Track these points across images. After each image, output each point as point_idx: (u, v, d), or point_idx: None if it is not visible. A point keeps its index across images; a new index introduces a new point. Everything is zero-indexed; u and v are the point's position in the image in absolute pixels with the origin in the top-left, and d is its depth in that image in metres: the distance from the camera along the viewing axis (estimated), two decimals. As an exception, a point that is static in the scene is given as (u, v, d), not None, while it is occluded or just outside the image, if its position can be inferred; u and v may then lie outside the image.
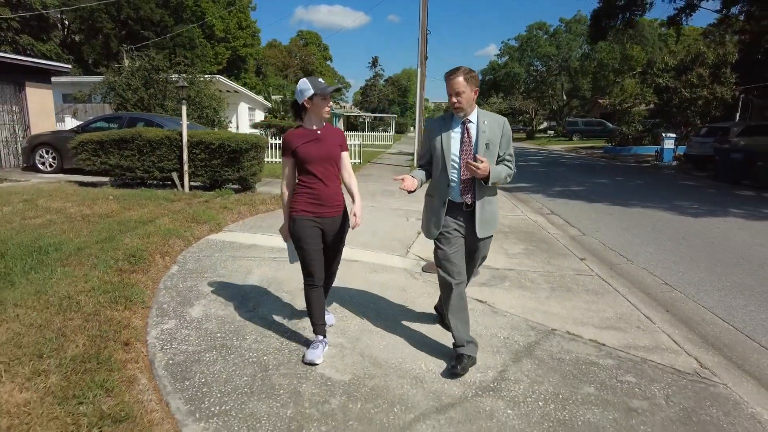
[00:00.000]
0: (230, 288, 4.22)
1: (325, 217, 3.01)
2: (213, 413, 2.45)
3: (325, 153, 2.96)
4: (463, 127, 2.93)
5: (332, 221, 3.04)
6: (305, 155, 2.92)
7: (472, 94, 2.86)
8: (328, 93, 2.90)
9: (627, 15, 19.30)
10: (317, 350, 3.03)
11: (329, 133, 3.02)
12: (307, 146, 2.92)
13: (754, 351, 3.60)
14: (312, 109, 2.93)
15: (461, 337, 2.95)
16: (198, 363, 2.93)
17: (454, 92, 2.84)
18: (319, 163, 2.95)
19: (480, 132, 2.90)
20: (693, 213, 9.04)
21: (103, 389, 2.40)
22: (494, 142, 2.92)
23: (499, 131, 2.94)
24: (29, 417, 2.15)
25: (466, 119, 2.93)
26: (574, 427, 2.48)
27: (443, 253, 3.01)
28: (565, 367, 3.10)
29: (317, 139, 2.95)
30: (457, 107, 2.87)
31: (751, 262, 5.83)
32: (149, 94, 17.48)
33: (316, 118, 2.97)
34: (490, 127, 2.91)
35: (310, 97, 2.89)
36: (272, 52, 67.42)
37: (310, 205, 2.96)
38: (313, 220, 2.97)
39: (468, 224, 3.01)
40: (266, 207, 8.01)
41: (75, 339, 2.87)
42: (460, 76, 2.82)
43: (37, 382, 2.40)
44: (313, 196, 2.96)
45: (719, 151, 16.19)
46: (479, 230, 2.97)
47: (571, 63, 49.03)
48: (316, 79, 2.93)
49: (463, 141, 2.92)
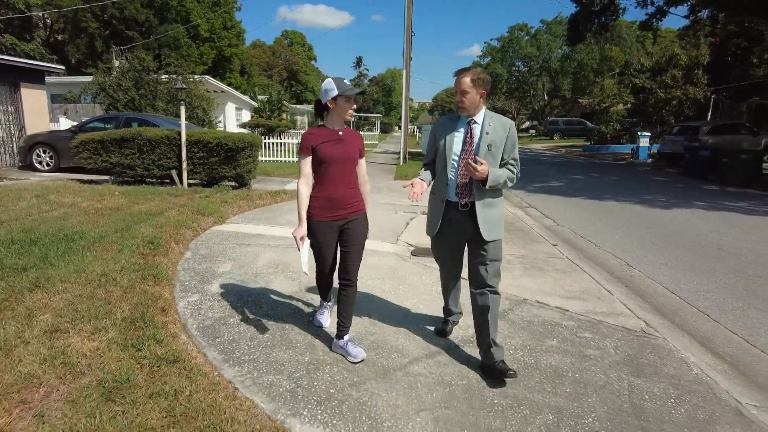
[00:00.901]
0: (242, 269, 4.75)
1: (341, 219, 2.99)
2: (243, 360, 2.99)
3: (345, 155, 2.95)
4: (467, 127, 2.92)
5: (348, 222, 3.02)
6: (324, 155, 2.89)
7: (477, 96, 2.86)
8: (352, 95, 2.89)
9: (602, 19, 20.17)
10: (324, 314, 3.49)
11: (350, 135, 3.03)
12: (327, 146, 2.90)
13: (693, 315, 4.25)
14: (335, 110, 2.92)
15: (449, 311, 3.44)
16: (224, 326, 3.47)
17: (459, 91, 2.87)
18: (337, 164, 2.92)
19: (483, 133, 2.88)
20: (660, 205, 9.77)
21: (154, 340, 2.93)
22: (498, 145, 2.89)
23: (504, 134, 2.91)
24: (101, 359, 2.68)
25: (471, 120, 2.92)
26: (539, 368, 3.08)
27: (436, 252, 3.20)
28: (533, 327, 3.70)
29: (339, 140, 2.94)
30: (460, 106, 2.90)
31: (704, 246, 6.52)
32: (140, 95, 17.79)
33: (338, 119, 2.97)
34: (494, 130, 2.89)
35: (334, 98, 2.88)
36: (256, 52, 67.48)
37: (326, 210, 2.95)
38: (330, 225, 2.97)
39: (469, 225, 2.95)
40: (263, 202, 8.52)
41: (120, 306, 3.39)
42: (467, 77, 2.84)
43: (99, 336, 2.93)
44: (328, 200, 2.94)
45: (689, 148, 17.09)
46: (484, 233, 2.90)
47: (552, 64, 50.14)
48: (342, 80, 2.92)
49: (466, 141, 2.91)
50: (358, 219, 3.06)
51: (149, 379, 2.53)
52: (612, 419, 2.58)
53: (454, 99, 2.95)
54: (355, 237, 3.04)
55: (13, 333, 2.88)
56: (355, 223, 3.04)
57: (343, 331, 3.09)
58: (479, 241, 2.94)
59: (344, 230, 3.03)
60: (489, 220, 2.93)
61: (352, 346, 3.08)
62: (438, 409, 2.59)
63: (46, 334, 2.92)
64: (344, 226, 3.02)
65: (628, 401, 2.77)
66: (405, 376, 2.91)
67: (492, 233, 2.93)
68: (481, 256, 2.97)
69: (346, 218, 3.00)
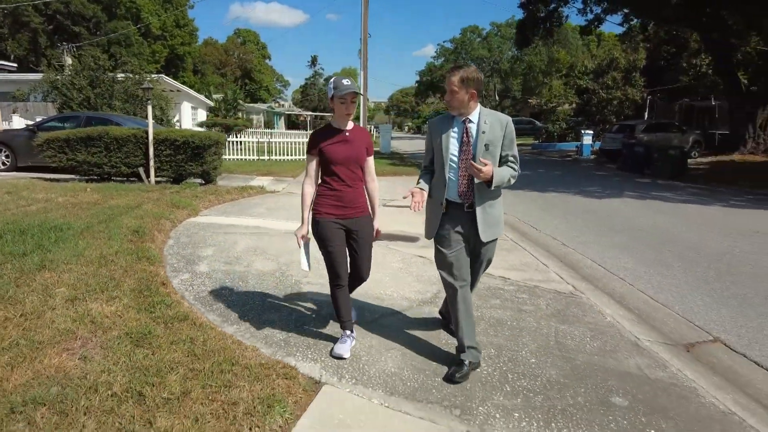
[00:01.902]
0: (223, 253, 5.25)
1: (348, 218, 2.97)
2: (240, 321, 3.54)
3: (352, 155, 2.92)
4: (463, 126, 2.86)
5: (356, 222, 3.00)
6: (331, 155, 2.88)
7: (466, 96, 2.79)
8: (343, 94, 2.84)
9: (547, 25, 21.55)
10: (345, 344, 3.08)
11: (357, 135, 2.98)
12: (333, 146, 2.89)
13: (613, 280, 5.10)
14: (336, 110, 2.90)
15: (463, 343, 2.90)
16: (218, 297, 3.99)
17: (447, 90, 2.84)
18: (344, 164, 2.91)
19: (480, 132, 2.82)
20: (596, 196, 10.84)
21: (163, 304, 3.45)
22: (495, 143, 2.84)
23: (501, 131, 2.86)
24: (121, 318, 3.18)
25: (466, 119, 2.86)
26: (484, 318, 3.79)
27: (442, 255, 2.95)
28: (480, 291, 4.42)
29: (345, 140, 2.92)
30: (449, 105, 2.88)
31: (628, 228, 7.49)
32: (96, 94, 17.61)
33: (340, 119, 2.94)
34: (491, 127, 2.83)
35: (332, 98, 2.87)
36: (209, 50, 66.42)
37: (333, 208, 2.93)
38: (337, 222, 2.95)
39: (470, 226, 2.90)
40: (231, 197, 8.96)
41: (125, 280, 3.87)
42: (456, 76, 2.78)
43: (114, 303, 3.41)
44: (336, 198, 2.93)
45: (626, 145, 18.55)
46: (483, 234, 2.88)
47: (502, 65, 52.10)
48: (340, 80, 2.88)
49: (462, 141, 2.86)
50: (364, 219, 3.05)
51: (167, 331, 3.06)
52: (540, 351, 3.31)
53: (445, 98, 2.92)
54: (363, 234, 3.04)
55: (39, 302, 3.33)
56: (361, 225, 3.03)
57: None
58: (477, 241, 2.93)
59: (352, 233, 3.01)
60: (489, 221, 2.91)
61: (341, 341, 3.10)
62: (405, 347, 3.24)
63: (67, 302, 3.37)
64: (352, 228, 2.99)
65: (554, 339, 3.51)
66: (377, 326, 3.55)
67: (490, 233, 2.92)
68: (479, 256, 3.03)
69: (352, 217, 2.98)
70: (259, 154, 18.15)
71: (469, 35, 55.88)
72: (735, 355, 3.55)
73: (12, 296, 3.38)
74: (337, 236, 2.96)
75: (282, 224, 6.72)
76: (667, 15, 18.62)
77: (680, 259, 5.87)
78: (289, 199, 9.15)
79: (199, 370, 2.62)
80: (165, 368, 2.60)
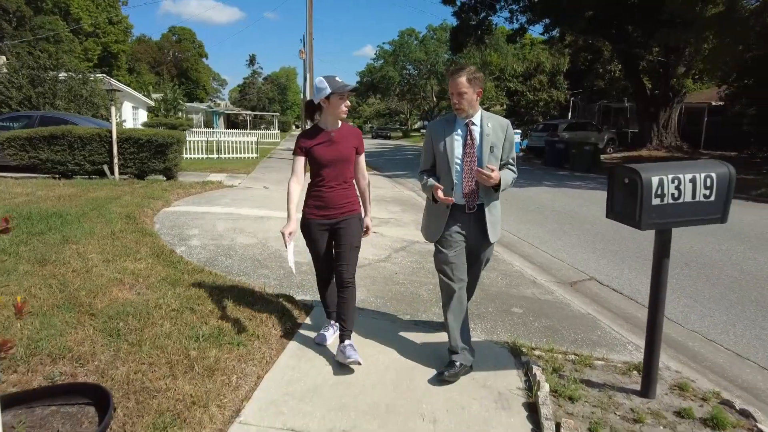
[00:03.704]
0: (208, 233, 6.21)
1: (332, 219, 2.98)
2: (240, 274, 4.57)
3: (338, 156, 2.92)
4: (466, 129, 2.85)
5: (339, 223, 2.99)
6: (318, 157, 2.89)
7: (474, 96, 2.79)
8: (345, 91, 2.84)
9: (479, 33, 23.44)
10: (328, 332, 3.24)
11: (345, 134, 2.98)
12: (320, 148, 2.89)
13: (524, 246, 6.54)
14: (329, 109, 2.88)
15: (456, 344, 2.89)
16: (214, 262, 4.99)
17: (456, 92, 2.79)
18: (331, 166, 2.92)
19: (484, 135, 2.83)
20: (519, 186, 12.48)
21: (181, 262, 4.43)
22: (498, 146, 2.85)
23: (503, 134, 2.87)
24: (153, 271, 4.15)
25: (469, 121, 2.85)
26: (423, 268, 5.04)
27: (444, 256, 2.92)
28: (421, 254, 5.67)
29: (331, 140, 2.91)
30: (457, 108, 2.82)
31: (541, 210, 9.07)
32: (37, 93, 17.50)
33: (332, 119, 2.93)
34: (493, 130, 2.84)
35: (327, 97, 2.83)
36: (141, 48, 64.46)
37: (318, 209, 2.97)
38: (321, 223, 2.98)
39: (473, 228, 2.92)
40: (195, 190, 9.76)
41: (140, 249, 4.80)
42: (462, 76, 2.76)
43: (140, 263, 4.37)
44: (321, 200, 2.95)
45: (548, 142, 20.67)
46: (491, 235, 2.92)
47: (439, 67, 54.19)
48: (333, 78, 2.86)
49: (466, 144, 2.84)
50: (351, 219, 3.02)
51: (192, 277, 4.07)
52: (465, 287, 4.59)
53: (451, 101, 2.87)
54: (346, 236, 2.99)
55: (81, 263, 4.22)
56: (347, 223, 3.00)
57: (344, 335, 2.99)
58: (481, 243, 2.97)
59: (336, 230, 3.01)
60: (494, 222, 2.95)
61: (350, 349, 2.91)
62: (369, 286, 4.42)
63: (104, 262, 4.29)
64: (335, 229, 3.00)
65: (475, 281, 4.81)
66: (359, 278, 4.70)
67: (495, 234, 2.97)
68: (479, 258, 3.08)
69: (337, 218, 2.98)
70: (208, 153, 18.67)
71: (407, 38, 57.74)
72: (602, 287, 5.02)
73: (56, 260, 4.24)
74: (319, 239, 3.03)
75: (250, 211, 7.71)
76: (582, 27, 20.96)
77: (578, 229, 7.44)
78: (249, 192, 10.09)
79: (227, 297, 3.68)
80: (202, 296, 3.64)
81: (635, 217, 2.39)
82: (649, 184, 2.34)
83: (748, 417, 2.59)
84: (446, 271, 2.91)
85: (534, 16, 22.06)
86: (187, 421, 2.23)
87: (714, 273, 5.39)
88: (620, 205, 2.52)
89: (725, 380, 3.24)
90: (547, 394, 2.63)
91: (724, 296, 4.72)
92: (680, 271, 5.38)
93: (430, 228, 3.04)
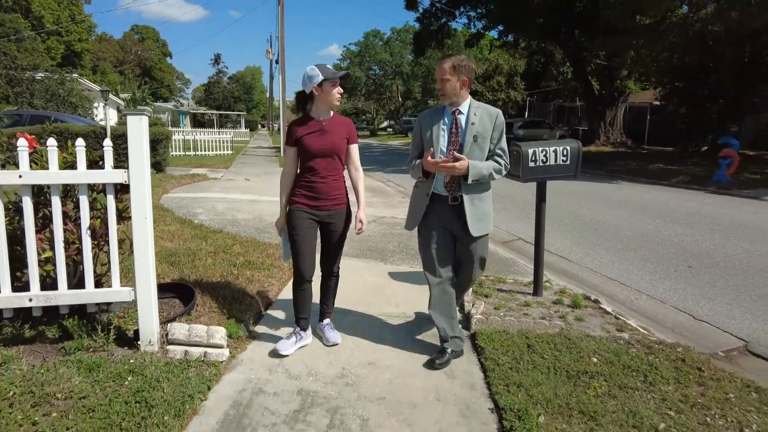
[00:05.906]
0: (210, 211, 7.43)
1: (322, 210, 2.93)
2: (249, 236, 5.85)
3: (329, 146, 2.86)
4: (453, 117, 2.84)
5: (330, 214, 2.95)
6: (307, 147, 2.84)
7: (457, 84, 2.77)
8: (337, 77, 2.82)
9: (440, 37, 25.10)
10: (289, 341, 2.99)
11: (336, 124, 2.93)
12: (310, 137, 2.84)
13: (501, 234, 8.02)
14: (321, 97, 2.83)
15: (446, 334, 2.94)
16: (224, 229, 6.22)
17: (439, 77, 2.80)
18: (321, 156, 2.86)
19: (469, 124, 2.80)
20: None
21: (203, 227, 5.69)
22: (484, 135, 2.81)
23: (491, 124, 2.83)
24: (182, 232, 5.41)
25: (456, 110, 2.84)
26: (391, 233, 6.44)
27: (423, 247, 2.96)
28: (389, 225, 7.06)
29: (322, 130, 2.85)
30: (440, 94, 2.83)
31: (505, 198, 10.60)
32: (15, 93, 18.06)
33: (324, 107, 2.88)
34: (480, 119, 2.81)
35: (320, 84, 2.78)
36: (103, 47, 63.67)
37: (307, 199, 2.90)
38: (309, 213, 2.91)
39: (457, 221, 2.88)
40: (186, 181, 10.90)
41: (165, 218, 6.02)
42: (447, 63, 2.76)
43: (170, 226, 5.60)
44: (311, 190, 2.90)
45: (504, 139, 22.47)
46: (472, 228, 2.83)
47: (404, 68, 55.83)
48: (324, 65, 2.83)
49: (451, 132, 2.84)
50: (340, 213, 3.00)
51: (214, 235, 5.37)
52: (422, 243, 6.03)
53: (436, 87, 2.90)
54: (337, 231, 3.01)
55: (125, 227, 5.42)
56: (336, 218, 2.99)
57: (324, 315, 3.18)
58: (467, 237, 2.89)
59: (325, 225, 2.99)
60: (477, 215, 2.86)
61: (329, 330, 3.08)
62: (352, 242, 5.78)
63: (142, 227, 5.50)
64: (325, 221, 2.97)
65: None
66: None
67: (480, 228, 2.88)
68: (469, 254, 2.98)
69: (327, 210, 2.94)
70: (185, 150, 19.55)
71: (372, 39, 59.13)
72: (526, 244, 6.53)
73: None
74: (305, 226, 2.90)
75: (242, 196, 8.95)
76: (533, 32, 22.85)
77: (515, 207, 9.02)
78: (233, 182, 11.28)
79: (247, 245, 4.98)
80: (228, 244, 4.94)
81: (519, 174, 3.85)
82: (527, 153, 3.80)
83: (596, 302, 4.09)
84: (426, 263, 2.99)
85: (489, 22, 23.83)
86: (242, 303, 3.56)
87: (612, 233, 7.00)
88: (512, 168, 3.97)
89: (597, 292, 4.76)
90: (470, 293, 4.06)
91: (614, 246, 6.31)
92: (588, 232, 6.97)
93: (411, 216, 3.07)
